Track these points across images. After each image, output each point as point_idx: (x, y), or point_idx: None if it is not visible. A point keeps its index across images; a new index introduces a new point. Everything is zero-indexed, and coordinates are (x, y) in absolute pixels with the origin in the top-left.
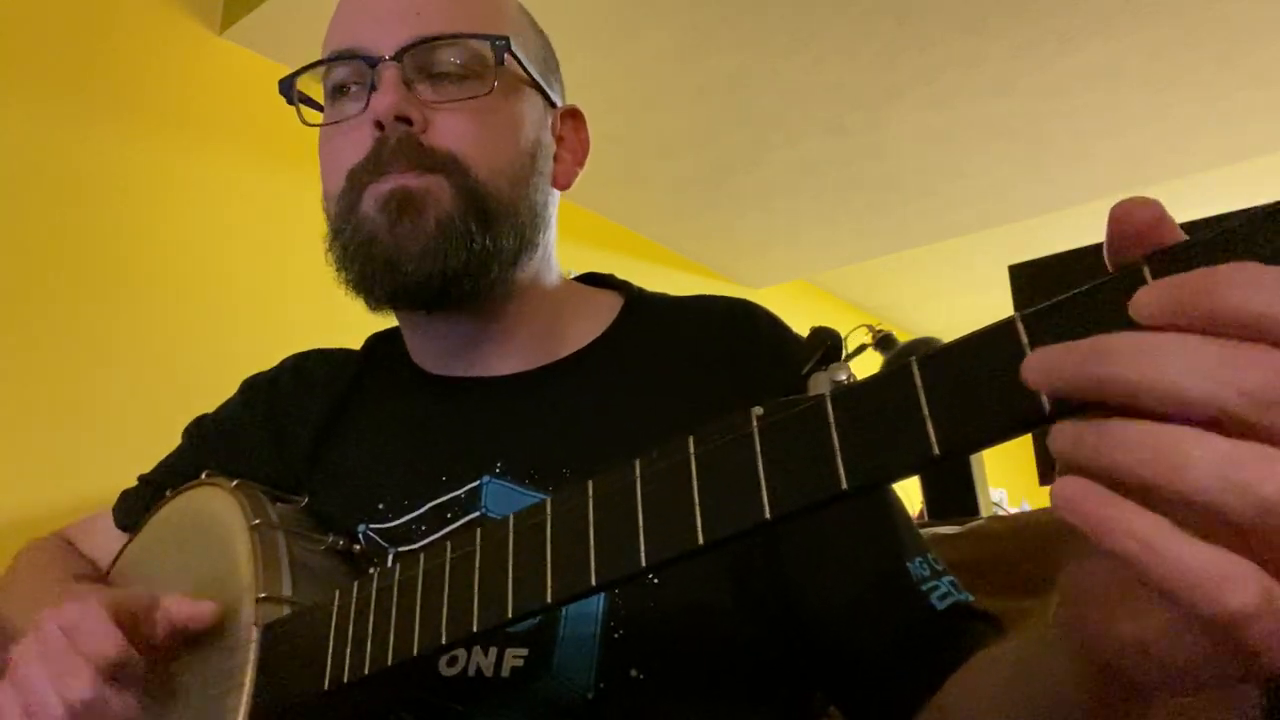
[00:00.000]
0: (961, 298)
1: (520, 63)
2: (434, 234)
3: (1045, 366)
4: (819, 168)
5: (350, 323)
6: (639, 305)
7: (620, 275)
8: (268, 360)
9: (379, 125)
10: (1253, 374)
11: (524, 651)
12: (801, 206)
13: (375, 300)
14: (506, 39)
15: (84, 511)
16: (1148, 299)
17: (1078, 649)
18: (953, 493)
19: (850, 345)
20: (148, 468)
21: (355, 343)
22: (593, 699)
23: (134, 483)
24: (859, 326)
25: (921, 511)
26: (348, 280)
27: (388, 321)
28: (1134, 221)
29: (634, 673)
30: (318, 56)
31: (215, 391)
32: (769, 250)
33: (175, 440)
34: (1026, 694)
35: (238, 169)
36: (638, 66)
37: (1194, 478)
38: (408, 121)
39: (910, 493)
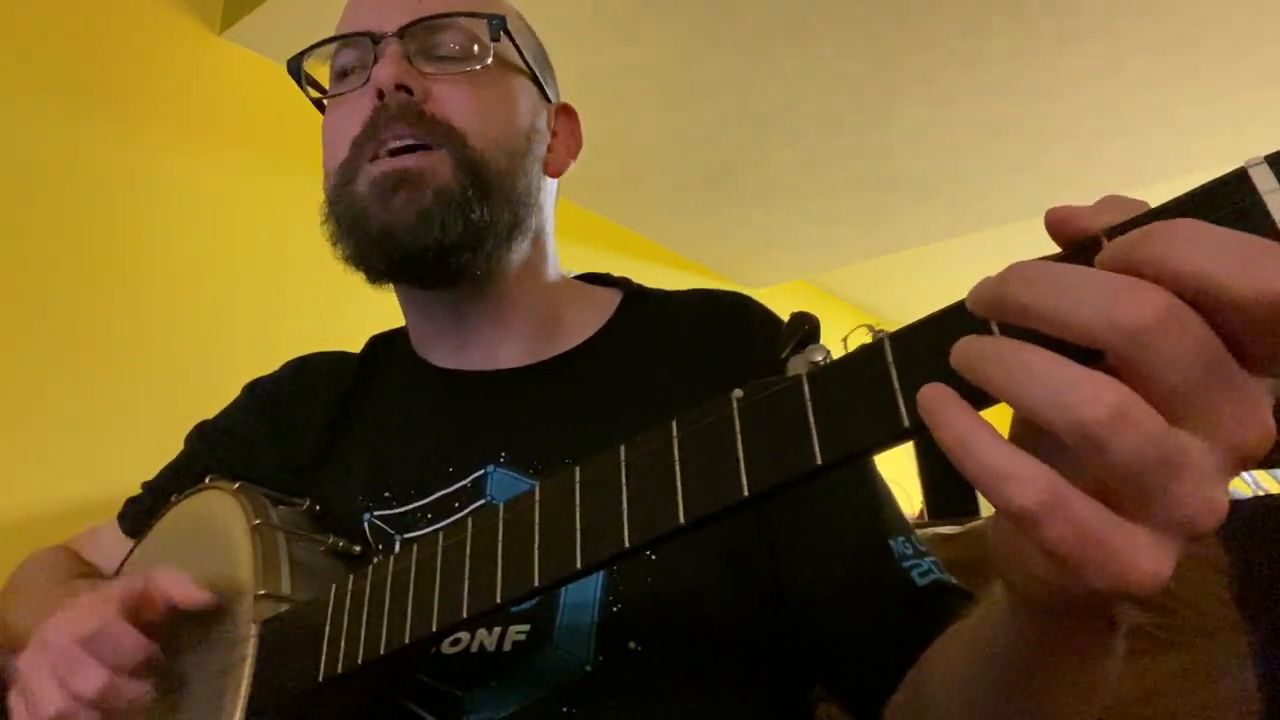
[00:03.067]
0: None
1: (516, 47)
2: (431, 203)
3: (977, 289)
4: (819, 168)
5: (350, 321)
6: (637, 299)
7: (620, 276)
8: (267, 359)
9: (380, 94)
10: (1131, 310)
11: (525, 627)
12: (801, 206)
13: (374, 273)
14: (503, 18)
15: (84, 512)
16: (1107, 251)
17: (1002, 580)
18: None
19: (850, 345)
20: (148, 468)
21: (355, 340)
22: (591, 671)
23: (137, 488)
24: (859, 326)
25: (921, 511)
26: (345, 255)
27: (388, 319)
28: (1067, 233)
29: (632, 645)
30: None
31: (214, 390)
32: (769, 250)
33: (175, 440)
34: (979, 648)
35: (237, 169)
36: (638, 66)
37: (1030, 393)
38: (408, 91)
39: (910, 492)
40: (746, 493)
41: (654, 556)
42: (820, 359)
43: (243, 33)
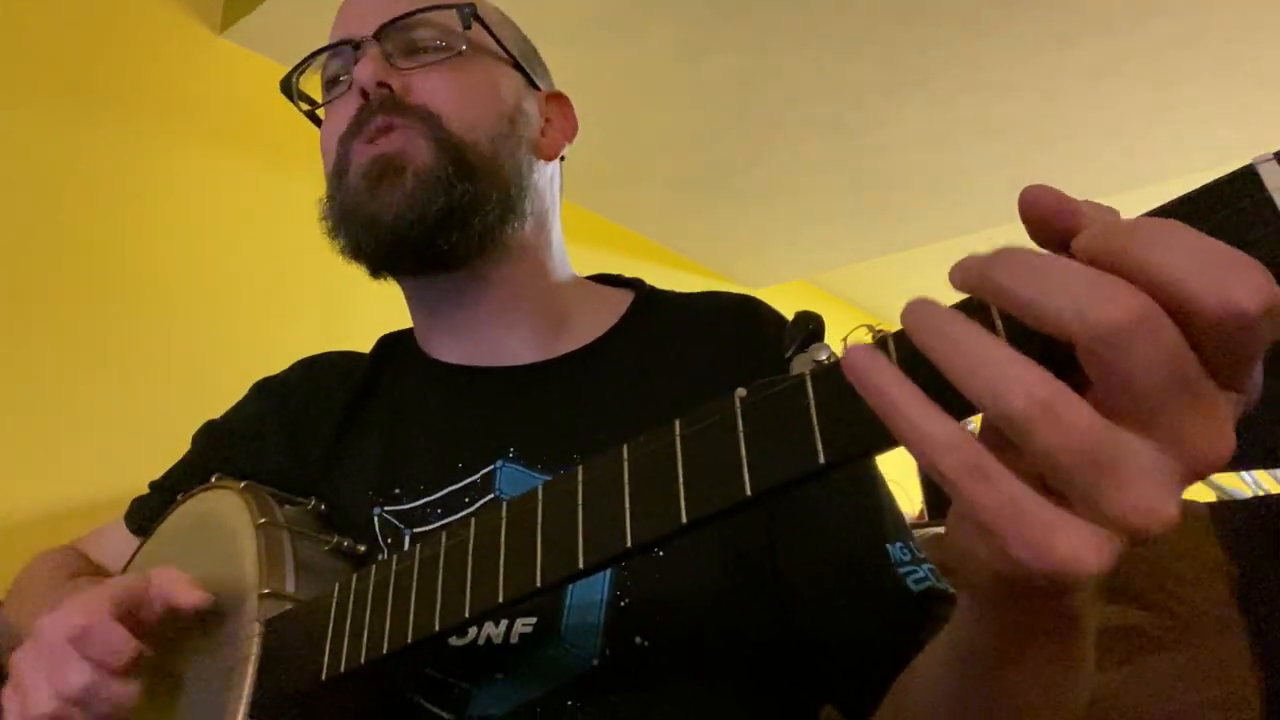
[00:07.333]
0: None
1: (491, 33)
2: (412, 185)
3: (962, 265)
4: (819, 167)
5: (352, 322)
6: (649, 301)
7: (633, 277)
8: (268, 360)
9: (364, 94)
10: (1104, 308)
11: (533, 619)
12: (801, 206)
13: (370, 263)
14: (472, 5)
15: (85, 512)
16: (1083, 237)
17: (957, 572)
18: None
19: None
20: (150, 469)
21: (357, 340)
22: (598, 665)
23: (140, 488)
24: (859, 326)
25: (922, 511)
26: (342, 250)
27: (390, 318)
28: (1040, 210)
29: (639, 640)
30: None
31: (215, 391)
32: (769, 250)
33: (175, 440)
34: (949, 648)
35: (237, 169)
36: (638, 66)
37: (966, 377)
38: (388, 88)
39: (911, 492)
40: (749, 492)
41: (661, 554)
42: (824, 358)
43: (243, 33)
